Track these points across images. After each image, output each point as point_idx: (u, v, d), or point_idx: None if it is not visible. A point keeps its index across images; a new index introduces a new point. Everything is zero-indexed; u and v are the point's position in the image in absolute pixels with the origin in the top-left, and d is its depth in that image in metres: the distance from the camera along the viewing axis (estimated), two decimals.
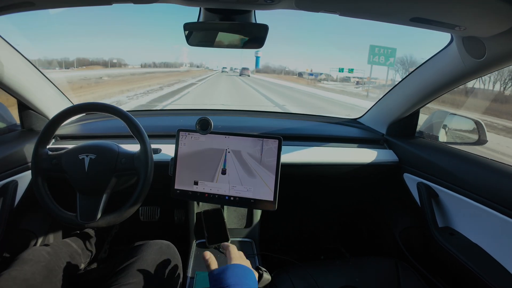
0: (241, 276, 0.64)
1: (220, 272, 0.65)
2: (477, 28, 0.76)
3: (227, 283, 0.61)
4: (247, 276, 0.66)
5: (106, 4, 0.78)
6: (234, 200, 0.98)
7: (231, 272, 0.65)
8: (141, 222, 1.59)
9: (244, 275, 0.65)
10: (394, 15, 0.78)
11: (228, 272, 0.64)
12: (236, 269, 0.66)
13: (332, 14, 0.79)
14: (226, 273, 0.64)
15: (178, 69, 60.96)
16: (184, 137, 0.99)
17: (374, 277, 1.00)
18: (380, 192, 1.53)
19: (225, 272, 0.64)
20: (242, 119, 1.61)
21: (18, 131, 1.19)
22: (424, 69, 1.15)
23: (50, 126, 0.92)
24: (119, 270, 0.84)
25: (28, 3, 0.72)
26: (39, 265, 0.84)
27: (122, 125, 0.94)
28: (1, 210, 0.95)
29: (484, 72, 0.93)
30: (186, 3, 0.79)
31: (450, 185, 1.08)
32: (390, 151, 1.36)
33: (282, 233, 1.74)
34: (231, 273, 0.64)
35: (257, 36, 0.91)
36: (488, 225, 0.95)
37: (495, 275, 0.88)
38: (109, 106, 0.94)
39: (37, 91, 1.14)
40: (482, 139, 1.26)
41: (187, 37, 0.91)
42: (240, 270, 0.66)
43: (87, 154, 0.91)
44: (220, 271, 0.66)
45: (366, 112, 1.62)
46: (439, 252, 1.06)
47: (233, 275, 0.64)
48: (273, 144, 0.95)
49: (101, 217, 0.90)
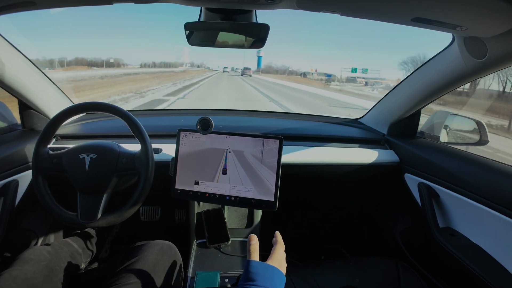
0: (277, 283, 0.60)
1: (261, 267, 0.61)
2: (479, 28, 0.76)
3: (263, 284, 0.58)
4: (281, 285, 0.61)
5: (107, 3, 0.78)
6: (234, 200, 0.97)
7: (270, 274, 0.61)
8: (141, 222, 1.59)
9: (279, 284, 0.61)
10: (395, 15, 0.78)
11: (267, 273, 0.60)
12: (275, 274, 0.62)
13: (333, 14, 0.79)
14: (265, 274, 0.60)
15: (174, 69, 56.90)
16: (185, 137, 0.99)
17: (375, 277, 1.00)
18: (380, 192, 1.53)
19: (266, 271, 0.61)
20: (243, 119, 1.61)
21: (19, 130, 1.19)
22: (425, 69, 1.15)
23: (51, 126, 0.92)
24: (120, 270, 0.84)
25: (30, 2, 0.73)
26: (40, 264, 0.84)
27: (123, 125, 0.94)
28: (2, 210, 0.96)
29: (485, 72, 0.93)
30: (187, 2, 0.79)
31: (451, 185, 1.07)
32: (391, 151, 1.36)
33: (282, 233, 1.72)
34: (270, 275, 0.60)
35: (258, 36, 0.91)
36: (489, 226, 0.95)
37: (495, 276, 0.88)
38: (110, 105, 0.94)
39: (38, 90, 1.14)
40: (484, 140, 1.25)
41: (188, 37, 0.91)
42: (278, 277, 0.62)
43: (88, 153, 0.91)
44: (261, 267, 0.61)
45: (367, 112, 1.62)
46: (440, 253, 1.06)
47: (270, 278, 0.60)
48: (274, 144, 0.95)
49: (102, 217, 0.90)
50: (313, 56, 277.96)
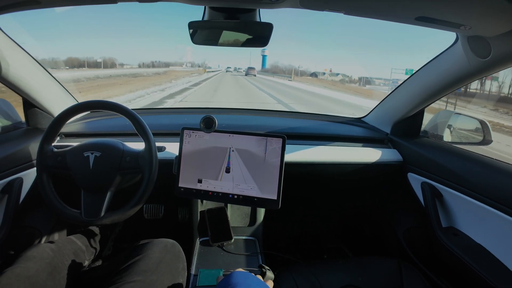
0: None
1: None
2: (483, 27, 0.76)
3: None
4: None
5: (112, 2, 0.79)
6: (237, 199, 0.98)
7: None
8: (145, 220, 1.60)
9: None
10: (399, 14, 0.77)
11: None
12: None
13: (337, 13, 0.79)
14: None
15: (158, 70, 42.41)
16: (189, 136, 1.00)
17: (377, 277, 1.00)
18: (383, 191, 1.53)
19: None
20: (246, 117, 1.61)
21: (23, 128, 1.20)
22: (429, 68, 1.14)
23: (55, 124, 0.92)
24: (123, 268, 0.85)
25: (34, 1, 0.73)
26: (43, 262, 0.85)
27: (127, 123, 0.94)
28: (6, 207, 0.96)
29: (489, 72, 0.92)
30: (191, 2, 0.79)
31: (454, 185, 1.07)
32: (394, 150, 1.36)
33: (285, 232, 1.74)
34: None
35: (261, 35, 0.91)
36: (492, 226, 0.94)
37: (499, 276, 0.87)
38: (114, 104, 0.95)
39: (42, 89, 1.15)
40: (487, 139, 1.25)
41: (191, 36, 0.91)
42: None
43: (92, 151, 0.92)
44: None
45: (370, 111, 1.61)
46: (443, 252, 1.06)
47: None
48: (277, 143, 0.96)
49: (105, 215, 0.90)
50: (320, 55, 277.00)
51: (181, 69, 61.45)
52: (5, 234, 0.95)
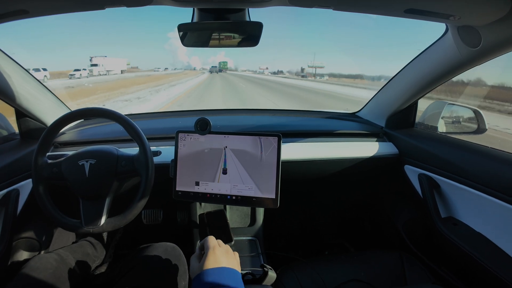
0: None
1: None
2: (472, 17, 0.76)
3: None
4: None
5: (99, 9, 0.78)
6: (236, 199, 0.98)
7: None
8: (144, 226, 1.59)
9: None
10: (388, 7, 0.77)
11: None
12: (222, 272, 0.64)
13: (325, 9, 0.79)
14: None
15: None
16: (184, 139, 0.99)
17: (380, 270, 1.00)
18: (381, 185, 1.53)
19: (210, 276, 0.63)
20: (241, 118, 1.61)
21: (17, 139, 1.19)
22: (420, 60, 1.15)
23: (48, 134, 0.92)
24: (125, 274, 0.85)
25: (22, 11, 0.72)
26: (47, 272, 0.85)
27: (121, 129, 0.94)
28: (4, 220, 0.95)
29: (480, 61, 0.93)
30: (180, 4, 0.79)
31: (451, 175, 1.08)
32: (390, 143, 1.36)
33: (285, 231, 1.74)
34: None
35: (251, 34, 0.91)
36: (490, 214, 0.95)
37: (499, 263, 0.88)
38: (107, 110, 0.94)
39: (33, 98, 1.14)
40: (482, 128, 1.26)
41: (181, 38, 0.91)
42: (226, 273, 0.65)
43: (87, 159, 0.91)
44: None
45: (364, 106, 1.62)
46: (443, 243, 1.06)
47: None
48: (273, 142, 0.95)
49: (106, 221, 0.90)
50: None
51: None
52: (5, 247, 0.94)
